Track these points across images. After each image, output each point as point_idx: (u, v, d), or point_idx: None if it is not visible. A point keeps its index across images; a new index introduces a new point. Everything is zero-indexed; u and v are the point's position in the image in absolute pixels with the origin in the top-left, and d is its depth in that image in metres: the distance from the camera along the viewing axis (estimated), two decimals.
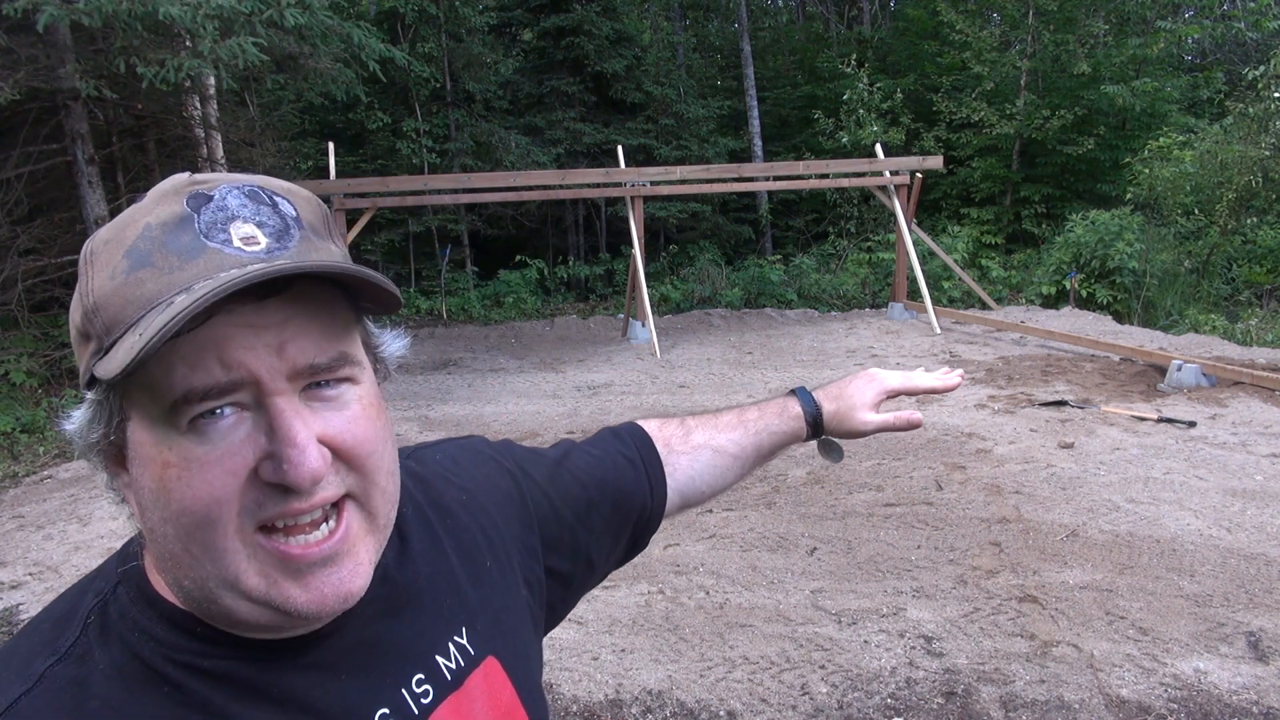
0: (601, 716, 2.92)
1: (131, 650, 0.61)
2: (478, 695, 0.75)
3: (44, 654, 0.60)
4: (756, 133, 18.34)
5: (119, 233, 0.59)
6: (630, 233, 10.47)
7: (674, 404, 7.25)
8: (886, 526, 4.33)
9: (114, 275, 0.58)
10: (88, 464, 0.63)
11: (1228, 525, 4.17)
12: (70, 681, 0.59)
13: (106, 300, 0.58)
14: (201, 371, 0.56)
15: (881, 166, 11.10)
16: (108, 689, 0.59)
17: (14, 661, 0.61)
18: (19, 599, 4.06)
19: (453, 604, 0.77)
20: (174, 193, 0.60)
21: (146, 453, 0.58)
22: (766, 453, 1.15)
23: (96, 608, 0.63)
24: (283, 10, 7.39)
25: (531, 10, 16.02)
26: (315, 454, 0.58)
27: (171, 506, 0.58)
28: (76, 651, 0.61)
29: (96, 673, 0.60)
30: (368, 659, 0.69)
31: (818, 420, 1.13)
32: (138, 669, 0.61)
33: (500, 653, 0.79)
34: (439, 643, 0.74)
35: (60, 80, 7.45)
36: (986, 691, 2.93)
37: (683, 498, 1.08)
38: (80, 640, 0.61)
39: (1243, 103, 12.77)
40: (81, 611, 0.63)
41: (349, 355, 0.62)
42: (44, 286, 9.11)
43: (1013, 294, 13.27)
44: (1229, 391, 6.54)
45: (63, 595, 0.67)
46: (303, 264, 0.57)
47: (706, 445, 1.10)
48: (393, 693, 0.69)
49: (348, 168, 13.90)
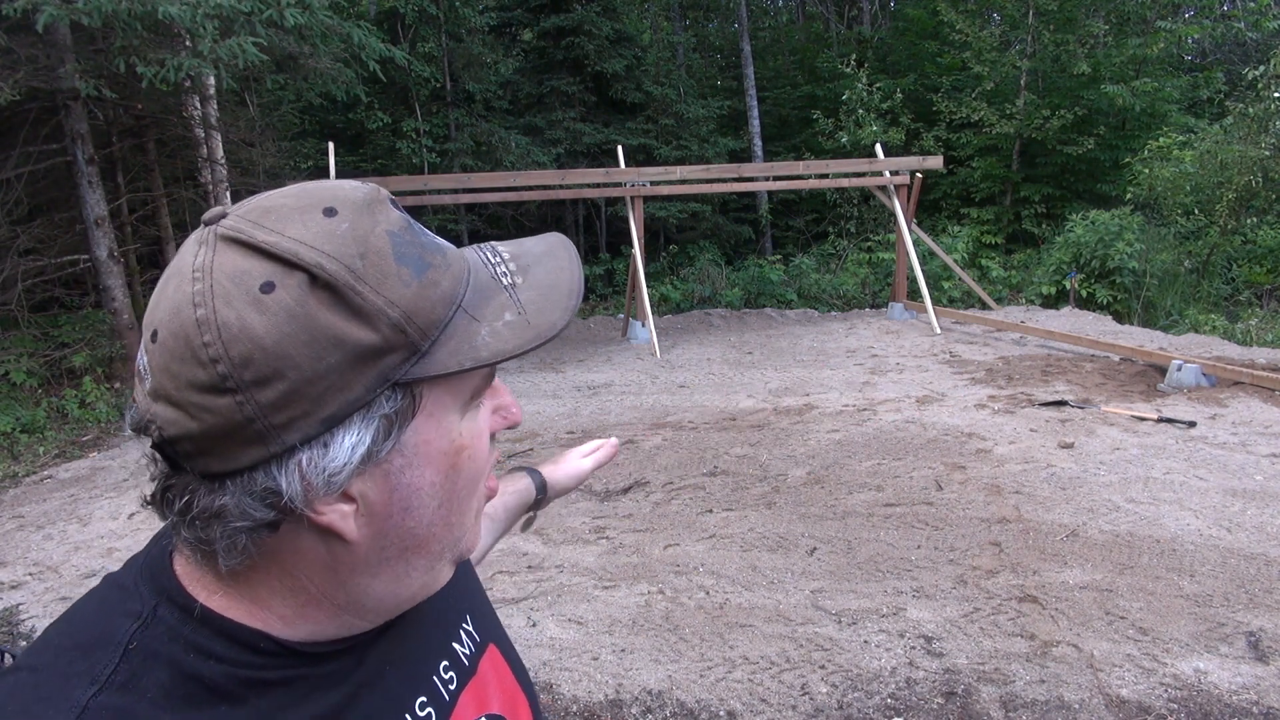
0: (601, 716, 2.91)
1: (185, 672, 0.58)
2: (490, 680, 0.78)
3: (83, 683, 0.56)
4: (756, 133, 18.34)
5: (367, 246, 0.57)
6: (630, 233, 10.47)
7: (674, 404, 7.25)
8: (886, 526, 4.33)
9: (407, 282, 0.57)
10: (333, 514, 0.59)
11: (1228, 525, 4.17)
12: (116, 712, 0.56)
13: (414, 305, 0.57)
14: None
15: (881, 166, 11.10)
16: (155, 715, 0.57)
17: (46, 692, 0.57)
18: (19, 599, 4.06)
19: (456, 592, 0.80)
20: (374, 201, 0.60)
21: (438, 446, 0.61)
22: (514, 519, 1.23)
23: (137, 632, 0.60)
24: (283, 10, 7.39)
25: (531, 10, 16.02)
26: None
27: (459, 485, 0.63)
28: (118, 680, 0.57)
29: (144, 700, 0.57)
30: (402, 651, 0.71)
31: (544, 488, 1.24)
32: (193, 689, 0.58)
33: (498, 640, 0.83)
34: (453, 631, 0.78)
35: (60, 80, 7.45)
36: (986, 691, 2.93)
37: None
38: (120, 667, 0.58)
39: (1243, 103, 12.77)
40: (119, 636, 0.59)
41: None
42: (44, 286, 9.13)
43: (1013, 294, 13.28)
44: (1229, 391, 6.54)
45: (78, 618, 0.63)
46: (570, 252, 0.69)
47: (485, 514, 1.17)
48: (428, 682, 0.72)
49: (348, 168, 13.90)
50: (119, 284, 8.62)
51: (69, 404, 7.72)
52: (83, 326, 9.03)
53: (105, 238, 8.41)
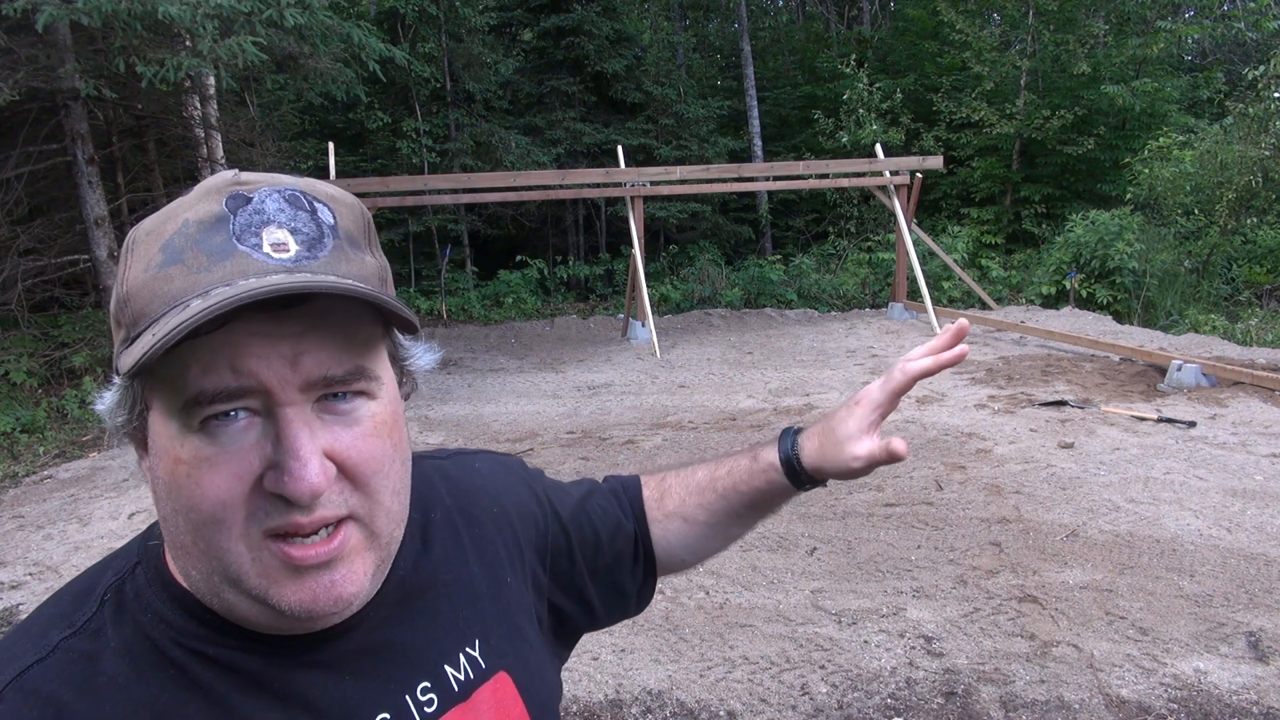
0: (601, 716, 2.91)
1: (142, 631, 0.63)
2: (485, 710, 0.74)
3: (60, 626, 0.62)
4: (756, 133, 18.34)
5: (160, 225, 0.60)
6: (630, 233, 10.46)
7: (674, 404, 7.25)
8: (886, 526, 4.33)
9: (148, 268, 0.59)
10: (118, 442, 0.65)
11: (1228, 525, 4.17)
12: (82, 655, 0.61)
13: (137, 292, 0.58)
14: (213, 375, 0.56)
15: (881, 166, 11.10)
16: (116, 666, 0.61)
17: (32, 631, 0.63)
18: (19, 599, 4.06)
19: (469, 614, 0.77)
20: (216, 191, 0.60)
21: (162, 444, 0.59)
22: (743, 512, 0.97)
23: (114, 585, 0.65)
24: (283, 10, 7.39)
25: (531, 10, 16.02)
26: (317, 468, 0.58)
27: (181, 501, 0.59)
28: (91, 627, 0.62)
29: (108, 649, 0.61)
30: (374, 662, 0.69)
31: (794, 466, 0.92)
32: (147, 649, 0.62)
33: (513, 669, 0.78)
34: (450, 652, 0.74)
35: (60, 80, 7.44)
36: (986, 691, 2.93)
37: (660, 567, 1.00)
38: (96, 616, 0.63)
39: (1243, 103, 12.77)
40: (100, 588, 0.65)
41: (366, 369, 0.62)
42: (44, 286, 9.12)
43: (1013, 294, 13.27)
44: (1229, 391, 6.54)
45: (87, 570, 0.68)
46: (316, 282, 0.57)
47: (677, 514, 0.98)
48: (395, 698, 0.69)
49: (348, 168, 13.90)
50: None
51: (69, 404, 7.72)
52: (83, 326, 9.04)
53: (105, 238, 8.41)
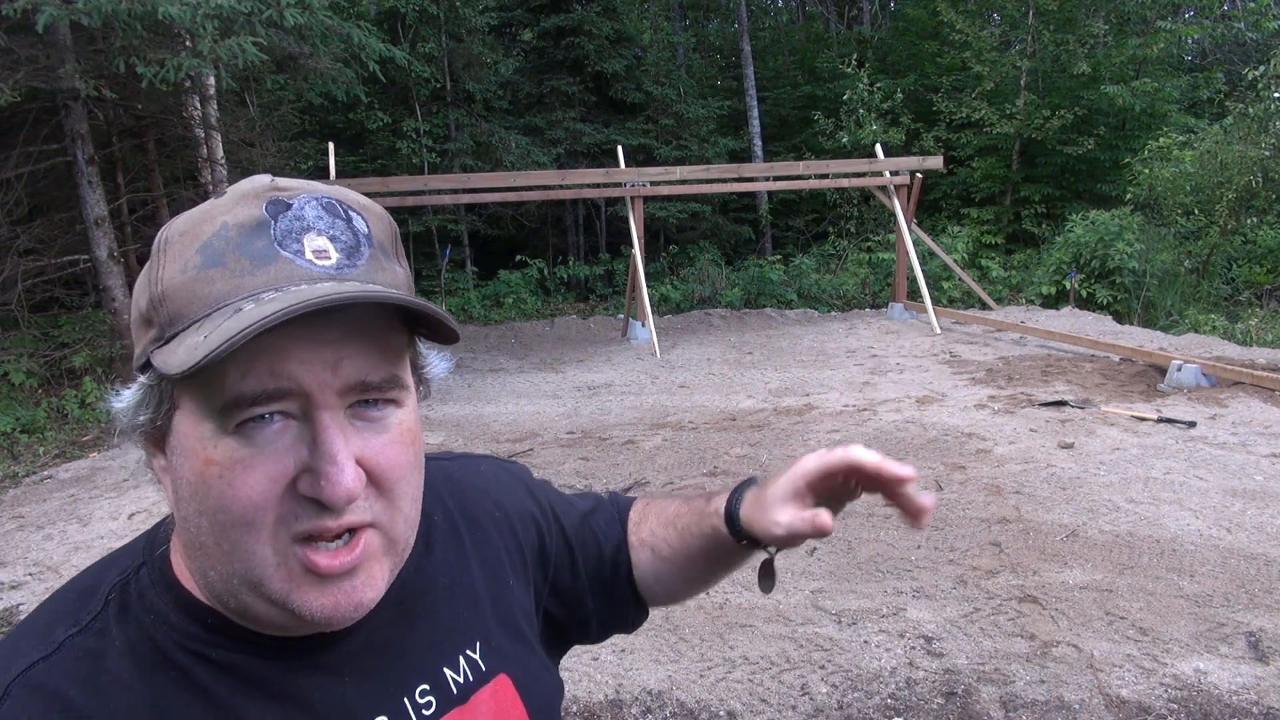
0: (601, 716, 2.92)
1: (146, 632, 0.63)
2: (483, 712, 0.74)
3: (65, 624, 0.63)
4: (756, 133, 18.33)
5: (196, 226, 0.60)
6: (630, 233, 10.46)
7: (674, 404, 7.25)
8: (886, 526, 4.32)
9: (185, 268, 0.58)
10: (127, 442, 0.64)
11: (1228, 525, 4.17)
12: (87, 653, 0.61)
13: (175, 292, 0.58)
14: (253, 379, 0.56)
15: (881, 166, 11.10)
16: (120, 665, 0.61)
17: (37, 627, 0.63)
18: (19, 599, 4.06)
19: (470, 617, 0.77)
20: (254, 195, 0.60)
21: (191, 445, 0.59)
22: (697, 556, 0.91)
23: (119, 585, 0.65)
24: (283, 10, 7.39)
25: (531, 10, 16.01)
26: (352, 473, 0.58)
27: (209, 502, 0.58)
28: (96, 626, 0.63)
29: (113, 648, 0.62)
30: (373, 665, 0.69)
31: (733, 516, 0.86)
32: (150, 650, 0.62)
33: (514, 671, 0.78)
34: (449, 655, 0.74)
35: (60, 80, 7.44)
36: (986, 692, 2.93)
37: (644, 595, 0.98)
38: (101, 615, 0.63)
39: (1243, 103, 12.77)
40: (104, 587, 0.65)
41: (399, 378, 0.62)
42: (44, 286, 9.11)
43: (1013, 294, 13.27)
44: (1229, 391, 6.54)
45: (89, 568, 0.69)
46: (370, 292, 0.57)
47: (648, 543, 0.95)
48: (393, 700, 0.69)
49: (348, 168, 13.91)
50: (119, 284, 8.61)
51: (69, 404, 7.72)
52: (83, 326, 9.04)
53: (105, 238, 8.41)
